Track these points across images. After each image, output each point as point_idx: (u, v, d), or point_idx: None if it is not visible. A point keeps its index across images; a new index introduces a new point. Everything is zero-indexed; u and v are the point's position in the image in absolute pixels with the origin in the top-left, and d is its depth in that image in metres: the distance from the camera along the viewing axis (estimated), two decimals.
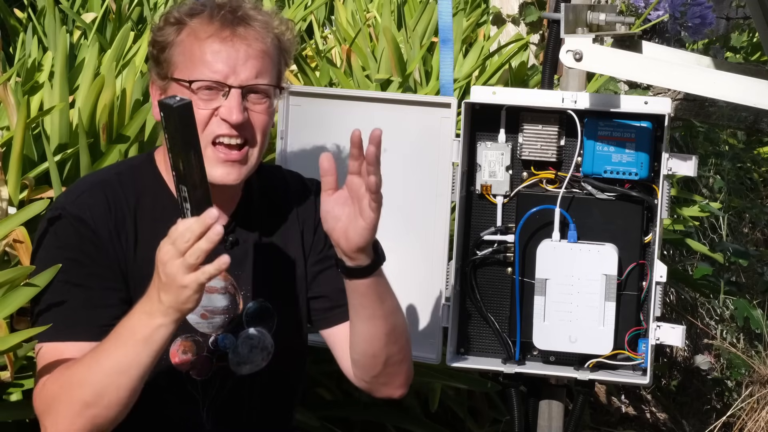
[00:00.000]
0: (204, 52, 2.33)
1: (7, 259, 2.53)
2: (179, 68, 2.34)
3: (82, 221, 2.29)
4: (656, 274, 2.66)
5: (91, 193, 2.33)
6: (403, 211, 2.83)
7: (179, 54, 2.35)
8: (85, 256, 2.28)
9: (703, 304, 5.44)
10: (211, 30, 2.34)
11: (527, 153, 2.73)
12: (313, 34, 4.75)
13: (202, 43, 2.34)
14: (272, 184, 2.54)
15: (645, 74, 2.63)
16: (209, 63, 2.33)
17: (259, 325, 2.45)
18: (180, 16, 2.37)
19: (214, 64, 2.33)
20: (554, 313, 2.69)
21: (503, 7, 4.87)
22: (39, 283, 2.23)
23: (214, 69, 2.33)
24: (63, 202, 2.33)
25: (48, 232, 2.30)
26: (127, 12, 4.32)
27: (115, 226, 2.32)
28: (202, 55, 2.33)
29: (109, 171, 2.46)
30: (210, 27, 2.35)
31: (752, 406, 4.34)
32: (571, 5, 2.59)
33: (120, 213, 2.33)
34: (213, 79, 2.33)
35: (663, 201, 2.67)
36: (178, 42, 2.35)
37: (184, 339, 2.37)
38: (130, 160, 2.57)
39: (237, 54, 2.35)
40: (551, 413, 2.86)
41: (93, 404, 2.15)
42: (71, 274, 2.26)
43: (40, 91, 3.09)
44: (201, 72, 2.33)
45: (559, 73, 2.93)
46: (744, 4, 7.35)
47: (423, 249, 2.83)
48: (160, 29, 2.38)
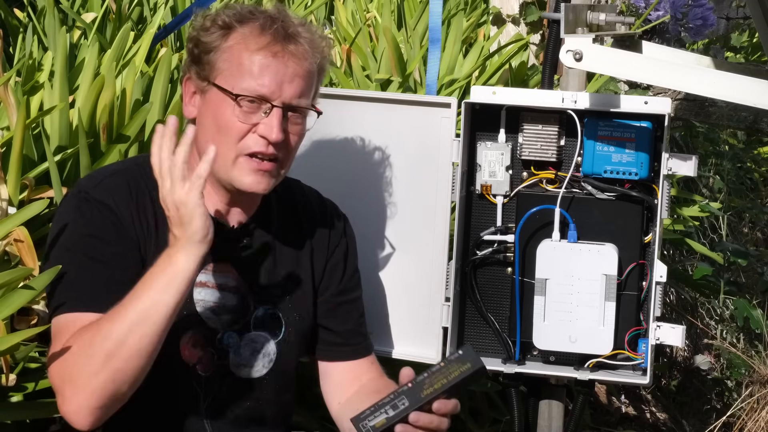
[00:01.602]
0: (253, 63, 2.32)
1: (8, 259, 2.53)
2: (224, 75, 2.33)
3: (106, 206, 2.31)
4: (656, 274, 2.66)
5: (113, 180, 2.36)
6: (403, 211, 2.83)
7: (225, 60, 2.33)
8: (109, 236, 2.30)
9: (703, 304, 5.44)
10: (262, 42, 2.33)
11: (527, 153, 2.73)
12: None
13: (251, 54, 2.32)
14: (292, 197, 2.56)
15: (645, 74, 2.63)
16: (256, 76, 2.32)
17: (265, 330, 2.46)
18: (230, 21, 2.35)
19: (261, 78, 2.32)
20: (554, 313, 2.69)
21: (503, 7, 4.87)
22: (60, 259, 2.26)
23: (261, 83, 2.32)
24: (86, 186, 2.35)
25: (70, 212, 2.32)
26: (127, 12, 4.32)
27: (137, 212, 2.34)
28: (250, 66, 2.32)
29: (127, 161, 2.52)
30: (261, 38, 2.33)
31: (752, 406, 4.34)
32: (571, 5, 2.59)
33: (141, 201, 2.35)
34: (259, 94, 2.33)
35: (663, 201, 2.67)
36: (226, 48, 2.34)
37: (195, 332, 2.38)
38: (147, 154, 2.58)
39: (285, 71, 2.34)
40: (551, 413, 2.86)
41: (115, 355, 2.15)
42: (95, 251, 2.28)
43: (40, 91, 3.09)
44: (247, 84, 2.32)
45: (559, 73, 2.93)
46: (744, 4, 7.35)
47: (423, 249, 2.83)
48: (206, 30, 2.36)
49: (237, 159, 2.34)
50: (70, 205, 2.34)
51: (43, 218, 2.73)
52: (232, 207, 2.43)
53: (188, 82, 2.39)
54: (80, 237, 2.29)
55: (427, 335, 2.83)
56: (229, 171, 2.36)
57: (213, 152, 2.21)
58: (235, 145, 2.34)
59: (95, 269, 2.27)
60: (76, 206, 2.32)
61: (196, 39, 2.37)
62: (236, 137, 2.33)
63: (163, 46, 3.94)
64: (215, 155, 2.23)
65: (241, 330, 2.43)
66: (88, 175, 2.47)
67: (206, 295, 2.39)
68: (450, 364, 2.26)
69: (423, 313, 2.84)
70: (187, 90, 2.40)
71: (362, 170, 2.85)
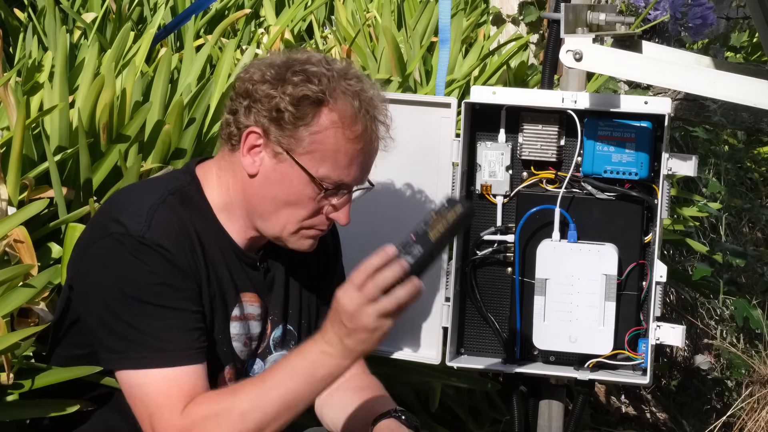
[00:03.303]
0: (345, 153, 2.28)
1: (7, 259, 2.52)
2: (311, 157, 2.27)
3: (164, 249, 2.22)
4: (656, 274, 2.66)
5: (160, 217, 2.25)
6: (403, 211, 2.83)
7: (315, 142, 2.27)
8: (175, 281, 2.23)
9: (703, 304, 5.44)
10: (357, 131, 2.28)
11: (527, 153, 2.73)
12: (313, 34, 4.74)
13: (345, 144, 2.27)
14: None
15: (645, 74, 2.63)
16: (346, 166, 2.29)
17: (284, 348, 2.46)
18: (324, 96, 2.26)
19: (349, 168, 2.29)
20: (554, 313, 2.69)
21: (503, 7, 4.87)
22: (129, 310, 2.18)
23: (348, 173, 2.30)
24: (136, 228, 2.22)
25: (128, 259, 2.21)
26: (127, 12, 4.32)
27: (189, 250, 2.27)
28: (341, 156, 2.28)
29: (157, 189, 2.33)
30: (356, 127, 2.28)
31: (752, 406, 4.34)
32: (571, 5, 2.59)
33: (189, 237, 2.29)
34: (343, 182, 2.31)
35: (663, 201, 2.67)
36: (317, 128, 2.27)
37: (230, 367, 2.36)
38: (173, 177, 2.43)
39: (370, 159, 2.34)
40: (551, 413, 2.86)
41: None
42: (166, 298, 2.21)
43: (40, 91, 3.09)
44: (335, 174, 2.28)
45: (559, 73, 2.93)
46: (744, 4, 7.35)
47: None
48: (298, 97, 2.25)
49: (299, 231, 2.34)
50: (124, 250, 2.21)
51: (43, 218, 2.73)
52: (253, 236, 2.39)
53: (254, 136, 2.30)
54: (149, 286, 2.20)
55: (427, 335, 2.83)
56: (285, 238, 2.35)
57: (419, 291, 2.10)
58: (302, 221, 2.32)
59: (170, 318, 2.21)
60: (133, 252, 2.21)
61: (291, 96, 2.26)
62: (306, 215, 2.32)
63: (163, 46, 3.94)
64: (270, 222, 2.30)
65: (263, 354, 2.43)
66: (125, 211, 2.26)
67: (239, 328, 2.37)
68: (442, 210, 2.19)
69: (423, 313, 2.84)
70: (250, 141, 2.30)
71: None
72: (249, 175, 2.31)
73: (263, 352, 2.43)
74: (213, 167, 2.38)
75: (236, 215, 2.35)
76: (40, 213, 2.51)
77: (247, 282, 2.39)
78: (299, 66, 2.29)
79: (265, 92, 2.28)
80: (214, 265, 2.31)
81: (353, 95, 2.28)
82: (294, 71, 2.28)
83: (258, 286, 2.41)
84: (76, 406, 2.29)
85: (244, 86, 2.31)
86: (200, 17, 4.44)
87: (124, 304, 2.20)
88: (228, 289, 2.35)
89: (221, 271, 2.33)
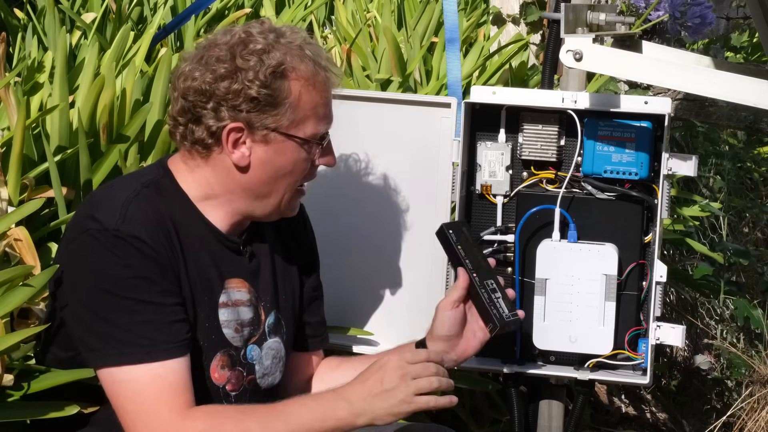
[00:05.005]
0: (317, 105, 2.34)
1: (7, 259, 2.52)
2: (297, 124, 2.32)
3: (140, 240, 2.22)
4: (656, 274, 2.66)
5: (135, 209, 2.25)
6: (403, 210, 2.83)
7: (297, 110, 2.32)
8: (153, 274, 2.22)
9: (703, 304, 5.44)
10: (321, 81, 2.34)
11: (527, 153, 2.73)
12: (313, 34, 4.74)
13: (314, 96, 2.33)
14: None
15: (645, 74, 2.63)
16: (322, 116, 2.35)
17: (277, 335, 2.47)
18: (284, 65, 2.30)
19: (325, 117, 2.36)
20: (554, 313, 2.69)
21: (503, 7, 4.87)
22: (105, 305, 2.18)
23: (325, 120, 2.37)
24: (110, 221, 2.21)
25: (102, 253, 2.20)
26: (127, 12, 4.32)
27: (166, 240, 2.27)
28: (316, 109, 2.34)
29: (132, 183, 2.34)
30: (318, 77, 2.34)
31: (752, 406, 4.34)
32: (571, 5, 2.59)
33: (165, 228, 2.28)
34: (324, 131, 2.37)
35: (663, 201, 2.67)
36: (294, 97, 2.31)
37: (222, 354, 2.36)
38: (146, 171, 2.44)
39: (332, 98, 2.39)
40: (551, 413, 2.86)
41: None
42: (143, 292, 2.21)
43: (40, 91, 3.09)
44: (317, 127, 2.34)
45: (559, 73, 2.93)
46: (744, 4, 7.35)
47: (423, 249, 2.83)
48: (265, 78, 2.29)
49: (295, 194, 2.38)
50: (99, 245, 2.20)
51: (44, 218, 2.73)
52: (236, 221, 2.40)
53: (236, 132, 2.31)
54: (124, 280, 2.20)
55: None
56: (283, 207, 2.38)
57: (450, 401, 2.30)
58: (297, 184, 2.37)
59: (149, 312, 2.21)
60: (109, 246, 2.20)
61: (248, 89, 2.28)
62: (301, 177, 2.37)
63: (163, 46, 3.94)
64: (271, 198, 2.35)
65: (259, 340, 2.43)
66: (101, 207, 2.25)
67: (228, 314, 2.37)
68: (460, 242, 2.51)
69: (423, 313, 2.84)
70: (232, 138, 2.31)
71: (362, 170, 2.84)
72: (240, 167, 2.33)
73: (260, 338, 2.43)
74: (180, 163, 2.38)
75: (219, 203, 2.35)
76: (40, 213, 2.51)
77: (232, 268, 2.39)
78: (242, 48, 2.30)
79: (228, 87, 2.28)
80: (194, 253, 2.31)
81: (300, 50, 2.33)
82: (242, 56, 2.29)
83: (244, 271, 2.41)
84: (76, 408, 2.29)
85: (197, 91, 2.30)
86: (200, 17, 4.44)
87: (100, 299, 2.20)
88: (212, 276, 2.35)
89: (203, 258, 2.33)
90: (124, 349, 2.19)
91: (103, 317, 2.19)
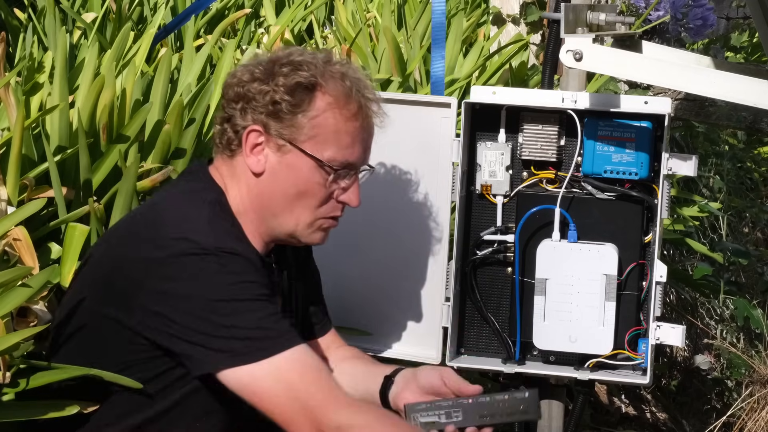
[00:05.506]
0: (346, 133, 2.33)
1: (7, 258, 2.52)
2: (314, 142, 2.31)
3: (237, 252, 2.26)
4: (656, 273, 2.66)
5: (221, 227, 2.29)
6: (403, 210, 2.83)
7: (316, 126, 2.32)
8: (256, 278, 2.26)
9: (703, 304, 5.44)
10: (353, 109, 2.34)
11: (527, 153, 2.73)
12: (313, 34, 4.74)
13: (344, 123, 2.33)
14: None
15: (645, 74, 2.63)
16: (348, 145, 2.34)
17: None
18: (315, 80, 2.32)
19: (353, 148, 2.35)
20: (554, 313, 2.69)
21: (503, 7, 4.87)
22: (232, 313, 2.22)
23: (352, 152, 2.35)
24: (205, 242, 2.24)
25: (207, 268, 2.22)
26: (127, 12, 4.32)
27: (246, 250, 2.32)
28: (343, 136, 2.33)
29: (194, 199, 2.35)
30: (351, 105, 2.33)
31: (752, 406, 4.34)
32: (571, 5, 2.59)
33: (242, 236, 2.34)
34: (348, 162, 2.35)
35: (663, 201, 2.67)
36: (315, 112, 2.31)
37: None
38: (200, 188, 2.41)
39: (369, 138, 2.39)
40: (551, 413, 2.86)
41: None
42: (254, 292, 2.24)
43: (40, 91, 3.09)
44: (340, 154, 2.33)
45: (559, 73, 2.93)
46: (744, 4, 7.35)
47: (423, 249, 2.83)
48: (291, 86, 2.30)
49: (314, 223, 2.37)
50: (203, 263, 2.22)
51: (43, 218, 2.73)
52: (265, 240, 2.41)
53: (255, 135, 2.33)
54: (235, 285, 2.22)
55: (427, 335, 2.83)
56: (300, 232, 2.38)
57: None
58: (315, 209, 2.36)
59: (267, 308, 2.25)
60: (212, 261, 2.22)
61: (273, 93, 2.31)
62: (318, 203, 2.36)
63: (163, 46, 3.94)
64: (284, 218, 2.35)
65: None
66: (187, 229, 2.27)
67: None
68: (514, 402, 2.39)
69: (423, 313, 2.84)
70: (251, 140, 2.33)
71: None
72: (255, 174, 2.34)
73: None
74: (219, 176, 2.40)
75: (249, 220, 2.37)
76: (40, 213, 2.50)
77: (272, 285, 2.42)
78: (285, 59, 2.34)
79: (258, 89, 2.32)
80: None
81: (341, 77, 2.34)
82: (281, 64, 2.33)
83: (277, 289, 2.45)
84: (76, 408, 2.29)
85: (234, 90, 2.35)
86: (200, 17, 4.44)
87: (218, 309, 2.21)
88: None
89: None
90: (254, 344, 2.20)
91: (229, 324, 2.20)
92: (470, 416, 2.36)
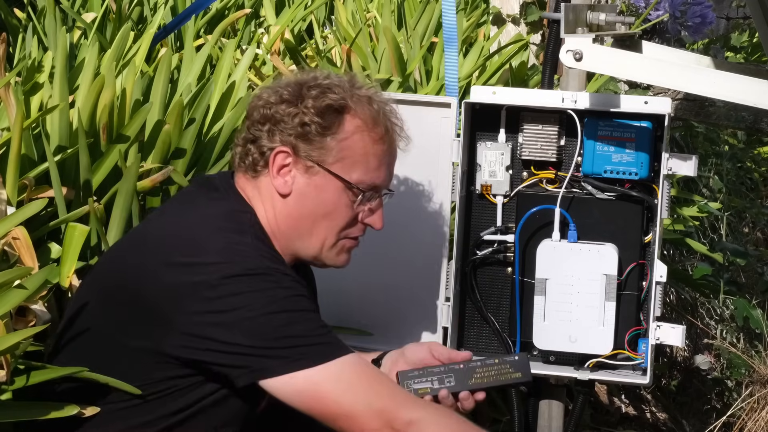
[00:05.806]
0: (374, 156, 2.36)
1: (6, 258, 2.52)
2: (342, 164, 2.34)
3: (281, 271, 2.28)
4: (656, 273, 2.66)
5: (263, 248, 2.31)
6: (403, 210, 2.83)
7: (345, 149, 2.34)
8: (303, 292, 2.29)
9: (703, 304, 5.44)
10: (380, 133, 2.37)
11: (527, 153, 2.73)
12: (313, 34, 4.74)
13: (372, 146, 2.36)
14: None
15: (645, 74, 2.63)
16: (375, 168, 2.37)
17: None
18: (345, 102, 2.34)
19: (379, 171, 2.38)
20: (554, 312, 2.69)
21: (503, 7, 4.87)
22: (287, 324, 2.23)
23: (378, 175, 2.38)
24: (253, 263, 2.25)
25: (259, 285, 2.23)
26: (127, 12, 4.32)
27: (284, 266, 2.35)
28: (371, 159, 2.36)
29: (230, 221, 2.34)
30: (378, 129, 2.36)
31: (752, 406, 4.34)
32: (571, 5, 2.59)
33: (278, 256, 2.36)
34: (375, 185, 2.38)
35: (663, 201, 2.67)
36: (344, 135, 2.34)
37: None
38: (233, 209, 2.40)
39: (393, 161, 2.42)
40: (551, 413, 2.86)
41: None
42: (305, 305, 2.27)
43: (40, 91, 3.09)
44: (368, 177, 2.36)
45: (559, 73, 2.93)
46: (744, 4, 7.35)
47: (423, 249, 2.83)
48: (321, 108, 2.32)
49: (337, 243, 2.39)
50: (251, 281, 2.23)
51: (43, 218, 2.73)
52: (290, 261, 2.42)
53: (282, 156, 2.35)
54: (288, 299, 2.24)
55: (427, 335, 2.83)
56: (326, 253, 2.40)
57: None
58: (340, 231, 2.38)
59: (318, 319, 2.28)
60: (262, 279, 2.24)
61: (303, 115, 2.33)
62: (344, 224, 2.38)
63: (163, 46, 3.94)
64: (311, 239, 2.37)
65: None
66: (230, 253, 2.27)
67: None
68: (504, 364, 2.43)
69: (423, 313, 2.84)
70: (279, 162, 2.35)
71: None
72: (282, 195, 2.36)
73: None
74: (244, 195, 2.40)
75: (276, 240, 2.38)
76: (39, 213, 2.50)
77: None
78: (312, 82, 2.36)
79: (286, 111, 2.34)
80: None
81: (368, 100, 2.37)
82: (309, 87, 2.35)
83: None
84: (76, 408, 2.29)
85: (260, 112, 2.37)
86: (200, 17, 4.44)
87: (272, 320, 2.22)
88: None
89: None
90: (311, 350, 2.22)
91: (284, 334, 2.22)
92: (462, 381, 2.40)
